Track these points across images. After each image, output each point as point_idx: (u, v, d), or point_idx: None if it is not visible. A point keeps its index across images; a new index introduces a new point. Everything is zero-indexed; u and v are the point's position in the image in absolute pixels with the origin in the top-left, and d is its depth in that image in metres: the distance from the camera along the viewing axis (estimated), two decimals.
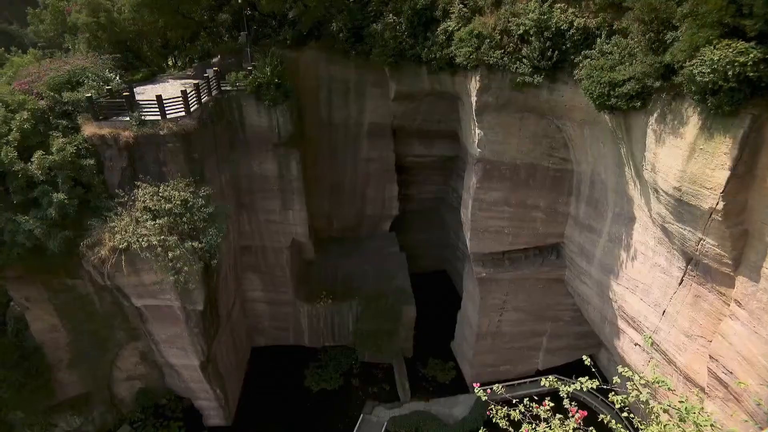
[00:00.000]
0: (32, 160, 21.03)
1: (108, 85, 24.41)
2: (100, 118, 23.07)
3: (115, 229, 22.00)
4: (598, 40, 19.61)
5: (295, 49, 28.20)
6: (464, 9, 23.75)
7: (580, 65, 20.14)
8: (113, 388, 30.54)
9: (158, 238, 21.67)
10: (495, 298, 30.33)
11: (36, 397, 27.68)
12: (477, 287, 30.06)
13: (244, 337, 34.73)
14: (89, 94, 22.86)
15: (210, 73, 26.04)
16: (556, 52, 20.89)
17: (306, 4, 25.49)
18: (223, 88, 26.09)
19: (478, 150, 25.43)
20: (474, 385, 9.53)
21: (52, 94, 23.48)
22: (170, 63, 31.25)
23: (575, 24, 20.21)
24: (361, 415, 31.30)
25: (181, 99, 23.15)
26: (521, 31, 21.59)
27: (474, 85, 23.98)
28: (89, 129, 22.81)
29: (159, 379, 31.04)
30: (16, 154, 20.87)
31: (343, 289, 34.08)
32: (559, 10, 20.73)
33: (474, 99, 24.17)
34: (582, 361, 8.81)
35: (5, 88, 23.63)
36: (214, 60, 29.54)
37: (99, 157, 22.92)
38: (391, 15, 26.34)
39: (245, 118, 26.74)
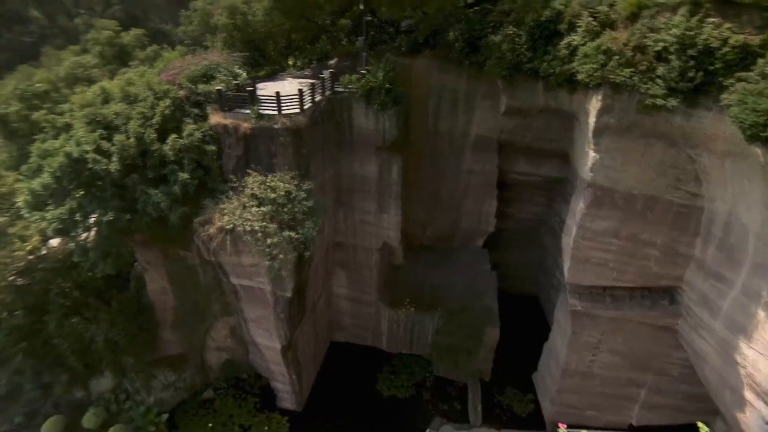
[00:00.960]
0: (167, 142, 23.72)
1: (236, 80, 26.69)
2: (225, 109, 25.31)
3: (225, 210, 23.91)
4: (760, 60, 16.85)
5: (409, 56, 28.47)
6: (593, 22, 22.02)
7: (731, 89, 17.49)
8: (204, 355, 33.29)
9: (260, 224, 23.13)
10: (589, 336, 27.66)
11: (144, 348, 31.22)
12: (570, 320, 27.68)
13: (324, 330, 35.82)
14: (219, 87, 25.29)
15: (326, 74, 27.22)
16: (700, 72, 18.39)
17: (425, 11, 25.58)
18: (336, 90, 27.15)
19: (591, 174, 23.39)
20: (559, 425, 8.51)
21: (190, 85, 26.24)
22: (291, 62, 33.41)
23: (730, 41, 17.60)
24: (428, 430, 30.52)
25: (296, 97, 24.54)
26: (659, 48, 19.40)
27: (594, 104, 22.12)
28: (215, 118, 25.17)
29: (243, 355, 33.20)
30: (156, 135, 23.71)
31: (428, 299, 33.55)
32: (711, 26, 18.22)
33: (592, 120, 22.29)
34: (687, 427, 7.36)
35: (155, 78, 26.93)
36: (331, 62, 30.94)
37: (220, 144, 25.16)
38: (511, 26, 25.43)
39: (353, 119, 27.57)
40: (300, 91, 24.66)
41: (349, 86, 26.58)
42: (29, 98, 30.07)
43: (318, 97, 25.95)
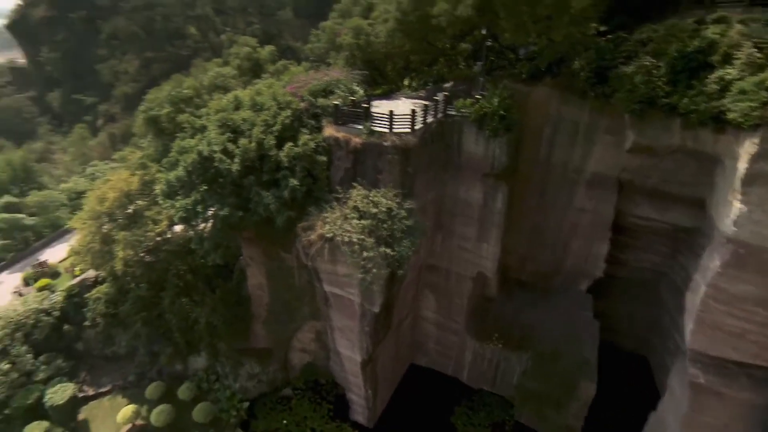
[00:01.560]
0: (283, 149, 25.38)
1: (353, 96, 27.84)
2: (340, 123, 26.47)
3: (327, 219, 24.80)
4: None
5: (528, 83, 27.35)
6: (757, 54, 19.14)
7: None
8: (288, 354, 34.64)
9: (358, 237, 23.58)
10: (713, 417, 23.52)
11: (237, 336, 33.45)
12: (688, 394, 23.85)
13: (406, 351, 35.31)
14: (336, 102, 26.61)
15: (440, 96, 27.22)
16: None
17: (551, 38, 24.43)
18: (448, 113, 26.97)
19: (733, 228, 20.12)
20: None
21: (311, 98, 27.93)
22: (406, 83, 34.10)
23: None
24: None
25: (409, 117, 24.82)
26: None
27: (747, 148, 19.13)
28: (329, 131, 26.44)
29: (324, 360, 33.91)
30: (275, 142, 25.53)
31: (518, 338, 31.36)
32: None
33: (743, 165, 19.28)
34: None
35: (281, 90, 29.13)
36: (446, 85, 30.91)
37: (330, 155, 26.29)
38: (648, 57, 23.20)
39: (463, 143, 27.11)
40: (413, 111, 24.95)
41: (462, 110, 26.25)
42: (177, 102, 34.37)
43: (430, 119, 26.01)
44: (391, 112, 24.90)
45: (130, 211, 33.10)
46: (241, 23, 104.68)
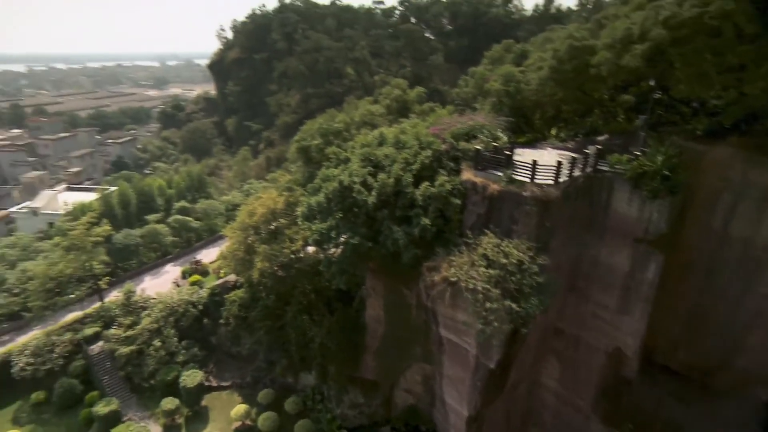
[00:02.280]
0: (419, 187, 25.75)
1: (495, 142, 27.28)
2: (479, 168, 26.00)
3: (453, 263, 24.18)
4: None
5: (705, 142, 23.74)
6: None
7: None
8: (393, 391, 34.04)
9: (483, 286, 22.44)
10: None
11: (347, 363, 34.13)
12: None
13: (518, 418, 32.10)
14: (478, 147, 26.29)
15: (591, 150, 25.21)
16: None
17: (743, 92, 20.99)
18: (599, 168, 24.73)
19: None
20: None
21: (452, 141, 28.12)
22: (553, 133, 32.46)
23: None
24: None
25: (554, 168, 23.35)
26: None
27: None
28: (467, 174, 26.13)
29: (428, 406, 32.57)
30: (412, 180, 26.08)
31: None
32: None
33: None
34: None
35: (424, 130, 29.93)
36: (599, 138, 28.60)
37: (465, 199, 25.86)
38: None
39: (612, 203, 24.46)
40: (558, 163, 23.47)
41: (617, 166, 23.79)
42: (327, 135, 37.73)
43: (577, 173, 24.12)
44: (534, 161, 23.75)
45: (272, 227, 36.52)
46: (394, 66, 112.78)
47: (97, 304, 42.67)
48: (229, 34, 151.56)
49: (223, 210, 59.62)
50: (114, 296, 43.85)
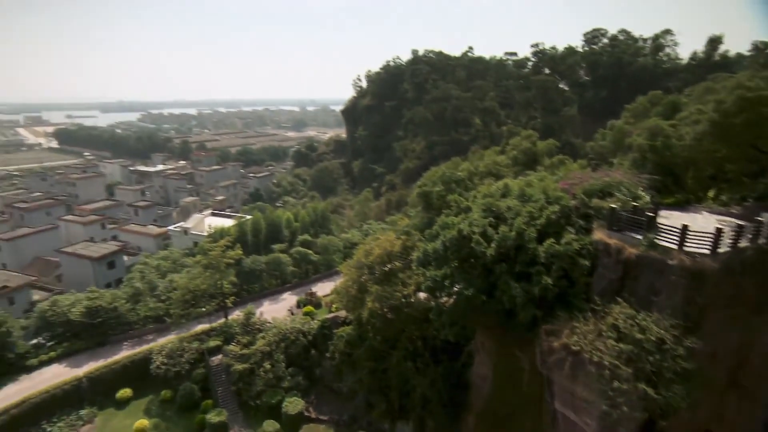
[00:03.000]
0: (543, 244, 24.11)
1: (635, 202, 24.64)
2: (614, 228, 23.61)
3: (576, 330, 21.84)
4: None
5: None
6: None
7: None
8: None
9: (611, 361, 19.78)
10: None
11: (446, 420, 32.36)
12: None
13: None
14: (614, 205, 23.94)
15: (765, 217, 21.28)
16: None
17: None
18: None
19: None
20: None
21: (583, 197, 26.15)
22: (711, 195, 28.27)
23: None
24: None
25: (711, 236, 20.11)
26: None
27: None
28: (599, 234, 23.88)
29: None
30: (536, 236, 24.59)
31: None
32: None
33: None
34: None
35: (553, 184, 28.38)
36: None
37: (595, 261, 23.50)
38: None
39: None
40: (718, 230, 20.16)
41: None
42: (450, 182, 37.87)
43: (744, 243, 20.43)
44: (684, 226, 20.79)
45: (387, 268, 37.11)
46: (524, 116, 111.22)
47: (222, 320, 47.03)
48: (364, 83, 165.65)
49: (341, 247, 62.54)
50: (236, 315, 47.92)
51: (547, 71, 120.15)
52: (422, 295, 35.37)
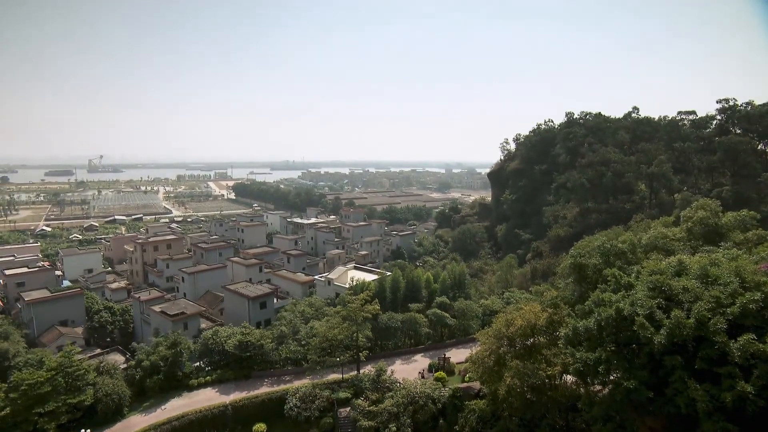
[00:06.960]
0: (738, 339, 19.29)
1: None
2: None
3: None
4: None
5: None
6: None
7: None
8: None
9: None
10: None
11: None
12: None
13: None
14: None
15: None
16: None
17: None
18: None
19: None
20: None
21: None
22: None
23: None
24: None
25: None
26: None
27: None
28: None
29: None
30: (725, 327, 19.90)
31: None
32: None
33: None
34: None
35: (750, 266, 23.14)
36: None
37: None
38: None
39: None
40: None
41: None
42: (608, 254, 33.63)
43: None
44: None
45: (529, 343, 33.85)
46: (706, 183, 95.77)
47: (354, 372, 47.80)
48: (512, 146, 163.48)
49: (479, 313, 59.68)
50: (368, 369, 48.26)
51: (737, 131, 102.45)
52: (570, 378, 31.11)
